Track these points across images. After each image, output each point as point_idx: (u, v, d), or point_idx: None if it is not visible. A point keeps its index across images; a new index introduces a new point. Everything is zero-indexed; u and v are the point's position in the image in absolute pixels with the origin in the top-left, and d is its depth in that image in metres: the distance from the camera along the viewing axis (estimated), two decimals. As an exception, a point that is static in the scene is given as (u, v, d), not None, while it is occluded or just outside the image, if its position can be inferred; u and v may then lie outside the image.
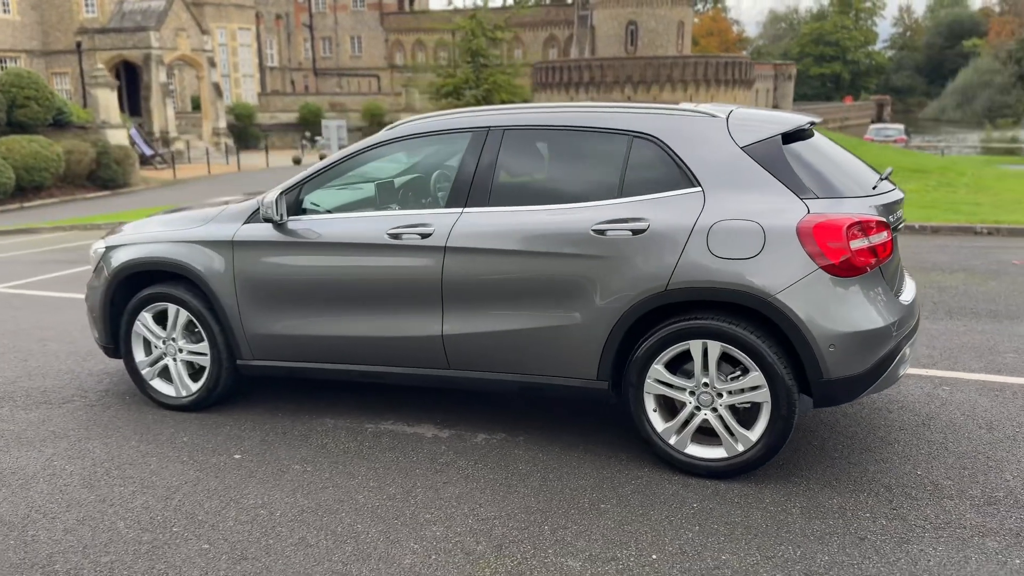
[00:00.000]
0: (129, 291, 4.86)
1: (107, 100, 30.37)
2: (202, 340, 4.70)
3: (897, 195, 3.96)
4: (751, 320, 3.67)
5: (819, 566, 3.10)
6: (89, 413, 4.85)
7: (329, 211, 4.50)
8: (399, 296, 4.21)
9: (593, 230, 3.82)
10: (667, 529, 3.40)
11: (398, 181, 4.79)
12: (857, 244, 3.54)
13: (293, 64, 71.25)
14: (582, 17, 57.90)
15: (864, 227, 3.58)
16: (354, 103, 55.18)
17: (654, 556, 3.21)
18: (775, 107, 69.46)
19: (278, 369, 4.61)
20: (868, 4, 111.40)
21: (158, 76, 40.01)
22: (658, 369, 3.80)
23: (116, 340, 4.95)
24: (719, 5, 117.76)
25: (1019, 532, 3.31)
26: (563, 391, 4.07)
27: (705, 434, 3.84)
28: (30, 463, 4.18)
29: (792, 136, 3.87)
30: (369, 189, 4.76)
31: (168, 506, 3.69)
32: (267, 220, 4.37)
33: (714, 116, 3.90)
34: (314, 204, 4.52)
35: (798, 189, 3.65)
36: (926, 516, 3.44)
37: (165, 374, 4.88)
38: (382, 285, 4.23)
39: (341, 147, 17.61)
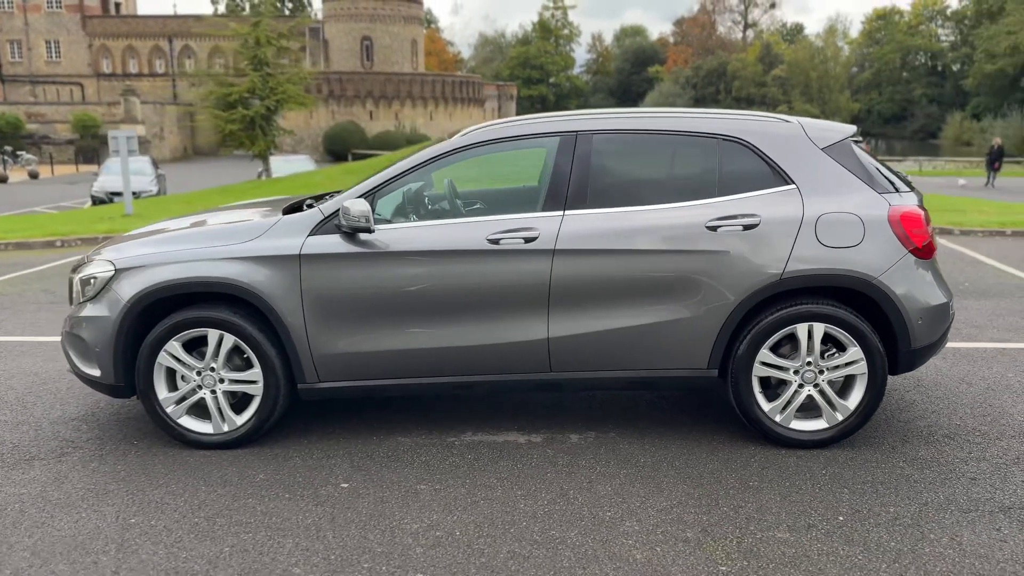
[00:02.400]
0: (148, 319, 4.25)
1: None
2: (251, 367, 4.24)
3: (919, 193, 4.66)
4: (849, 302, 4.14)
5: (960, 495, 3.61)
6: (120, 463, 4.16)
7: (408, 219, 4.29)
8: (501, 302, 4.14)
9: (707, 227, 4.07)
10: (825, 495, 3.74)
11: (465, 188, 4.66)
12: (928, 231, 4.15)
13: (-30, 69, 62.16)
14: (313, 30, 56.82)
15: (927, 218, 4.20)
16: (58, 113, 49.60)
17: (840, 518, 3.53)
18: (502, 123, 73.24)
19: (350, 390, 4.29)
20: (566, 32, 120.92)
21: None
22: (765, 352, 4.14)
23: (129, 377, 4.29)
24: (434, 26, 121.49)
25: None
26: (672, 382, 4.26)
27: (802, 409, 4.24)
28: (92, 528, 3.53)
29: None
30: (423, 196, 4.59)
31: (331, 545, 3.35)
32: (353, 230, 4.06)
33: (789, 122, 4.32)
34: (378, 213, 4.28)
35: (873, 184, 4.19)
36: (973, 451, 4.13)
37: (196, 410, 4.32)
38: (482, 292, 4.14)
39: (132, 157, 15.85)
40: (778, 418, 4.20)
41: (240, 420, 4.29)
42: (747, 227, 4.08)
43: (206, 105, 21.83)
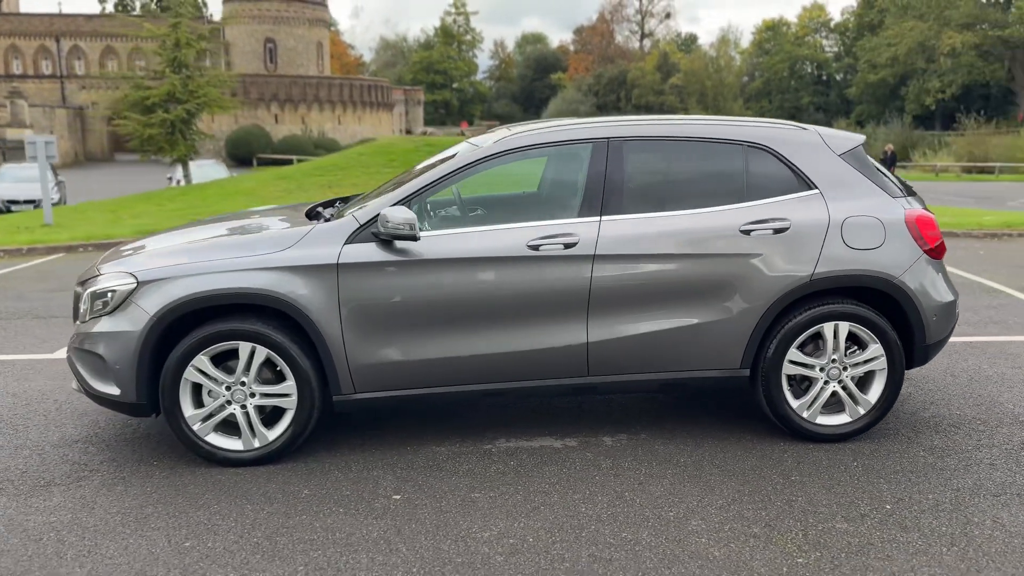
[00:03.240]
0: (172, 334, 4.07)
1: None
2: (283, 379, 4.12)
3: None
4: (869, 301, 4.36)
5: (985, 480, 3.86)
6: (149, 485, 3.95)
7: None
8: (541, 308, 4.16)
9: (741, 230, 4.21)
10: (865, 485, 3.92)
11: (493, 194, 4.65)
12: (940, 233, 4.41)
13: None
14: (214, 31, 54.85)
15: (936, 221, 4.47)
16: (-70, 117, 46.29)
17: (887, 507, 3.72)
18: (408, 132, 72.77)
19: (385, 400, 4.22)
20: (468, 37, 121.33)
21: None
22: (794, 351, 4.30)
23: (152, 395, 4.10)
24: (334, 28, 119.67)
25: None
26: (704, 383, 4.37)
27: (826, 405, 4.42)
28: (146, 554, 3.36)
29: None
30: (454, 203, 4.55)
31: (408, 558, 3.30)
32: (396, 238, 4.00)
33: (806, 129, 4.51)
34: (410, 221, 4.23)
35: (886, 189, 4.42)
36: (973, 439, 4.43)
37: (223, 426, 4.16)
38: (522, 298, 4.15)
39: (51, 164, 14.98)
40: (805, 414, 4.37)
41: (272, 435, 4.15)
42: (778, 231, 4.23)
43: (121, 108, 20.84)
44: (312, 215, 4.69)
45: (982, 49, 60.81)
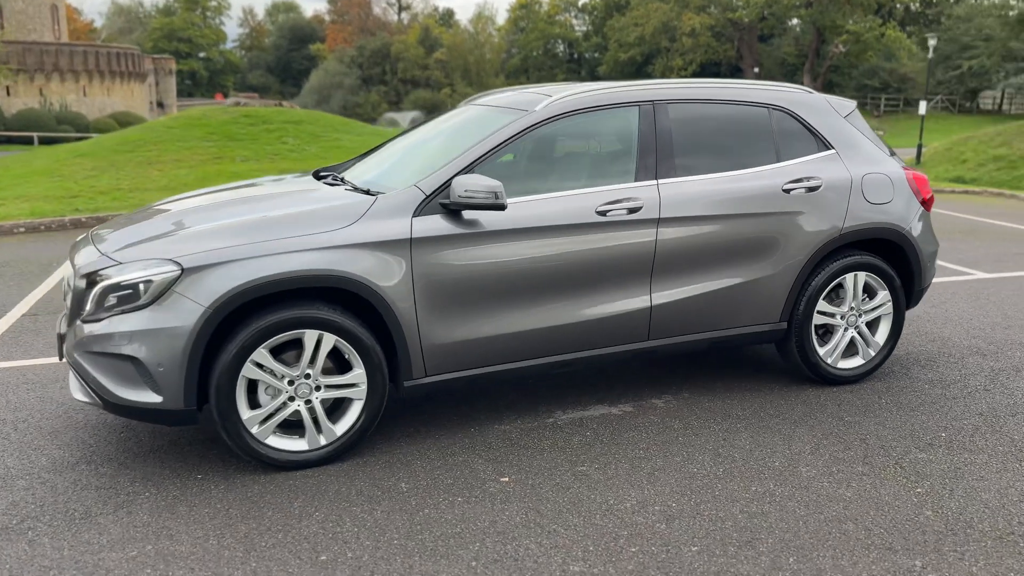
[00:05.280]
0: (225, 326, 3.55)
1: None
2: (348, 369, 3.74)
3: None
4: (878, 251, 4.75)
5: (1001, 404, 4.40)
6: (218, 502, 3.42)
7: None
8: (609, 274, 4.10)
9: (783, 189, 4.40)
10: (909, 418, 4.31)
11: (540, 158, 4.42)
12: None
13: None
14: (-86, -12, 46.85)
15: (926, 178, 4.95)
16: None
17: (943, 434, 4.11)
18: (160, 104, 66.85)
19: (454, 382, 3.96)
20: (214, 3, 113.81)
21: None
22: (822, 303, 4.60)
23: (201, 398, 3.56)
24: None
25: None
26: (747, 338, 4.54)
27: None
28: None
29: (849, 112, 5.00)
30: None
31: (580, 535, 3.16)
32: (476, 207, 3.73)
33: (812, 93, 4.79)
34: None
35: (882, 148, 4.82)
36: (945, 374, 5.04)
37: (283, 426, 3.71)
38: (592, 265, 4.06)
39: None
40: (829, 360, 4.69)
41: (340, 429, 3.77)
42: (810, 189, 4.48)
43: None
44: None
45: (715, 30, 66.96)
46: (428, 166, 4.07)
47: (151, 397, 3.50)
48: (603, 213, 4.05)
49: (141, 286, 3.47)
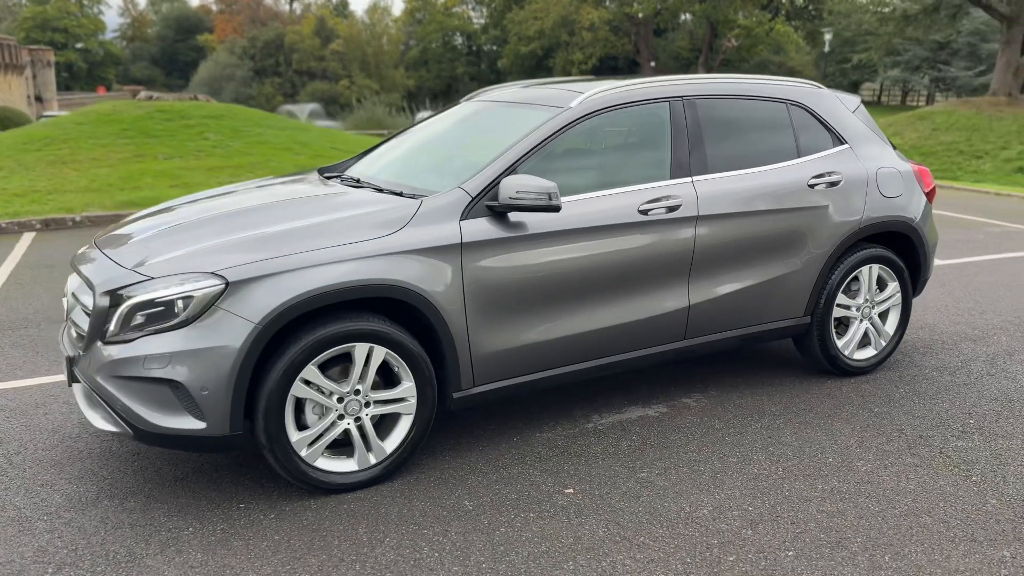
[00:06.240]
0: (271, 341, 3.29)
1: None
2: (395, 383, 3.53)
3: None
4: (887, 243, 4.84)
5: (1011, 387, 4.57)
6: (276, 533, 3.15)
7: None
8: (649, 274, 4.02)
9: (808, 184, 4.42)
10: (934, 406, 4.41)
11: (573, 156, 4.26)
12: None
13: None
14: None
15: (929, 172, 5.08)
16: None
17: (971, 421, 4.22)
18: (39, 98, 62.80)
19: (502, 391, 3.80)
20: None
21: None
22: (840, 296, 4.66)
23: (247, 420, 3.28)
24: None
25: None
26: (773, 333, 4.55)
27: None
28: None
29: (851, 107, 5.07)
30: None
31: (689, 542, 3.07)
32: (529, 209, 3.56)
33: (822, 88, 4.83)
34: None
35: (886, 143, 4.92)
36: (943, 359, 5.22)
37: (329, 446, 3.47)
38: (634, 266, 3.97)
39: None
40: (847, 352, 4.76)
41: (390, 447, 3.55)
42: (832, 184, 4.51)
43: None
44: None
45: (613, 24, 68.06)
46: (463, 167, 3.89)
47: (193, 424, 3.20)
48: (645, 212, 3.96)
49: (179, 303, 3.16)
